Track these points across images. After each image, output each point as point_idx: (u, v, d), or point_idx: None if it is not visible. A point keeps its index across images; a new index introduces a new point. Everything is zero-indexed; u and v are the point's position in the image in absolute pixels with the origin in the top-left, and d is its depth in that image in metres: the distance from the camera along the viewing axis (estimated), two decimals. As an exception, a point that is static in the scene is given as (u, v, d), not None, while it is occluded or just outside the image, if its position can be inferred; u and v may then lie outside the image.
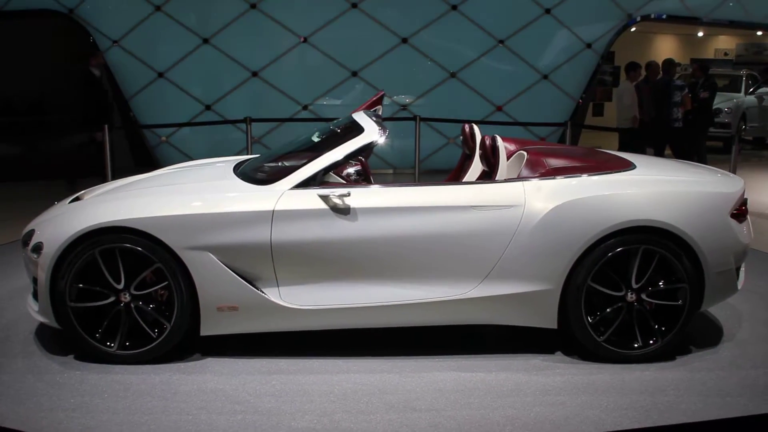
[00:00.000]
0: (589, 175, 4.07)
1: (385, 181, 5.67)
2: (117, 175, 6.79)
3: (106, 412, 3.42)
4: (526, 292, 3.92)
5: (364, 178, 4.88)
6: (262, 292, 3.91)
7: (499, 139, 4.45)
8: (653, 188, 4.02)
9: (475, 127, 5.14)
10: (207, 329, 3.96)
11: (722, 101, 14.11)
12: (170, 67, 10.67)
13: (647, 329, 3.99)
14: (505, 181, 4.13)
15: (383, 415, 3.38)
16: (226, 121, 10.10)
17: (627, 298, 3.95)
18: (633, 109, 9.95)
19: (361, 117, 4.35)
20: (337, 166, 4.14)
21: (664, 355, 4.01)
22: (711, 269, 3.93)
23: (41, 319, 4.01)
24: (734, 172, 7.50)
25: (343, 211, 3.89)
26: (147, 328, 3.93)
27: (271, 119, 10.17)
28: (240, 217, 3.87)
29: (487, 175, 4.65)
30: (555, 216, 3.88)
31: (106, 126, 8.29)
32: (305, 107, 10.92)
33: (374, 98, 5.53)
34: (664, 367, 3.93)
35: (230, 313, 3.91)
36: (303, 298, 3.93)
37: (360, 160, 5.05)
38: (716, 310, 4.74)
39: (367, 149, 4.20)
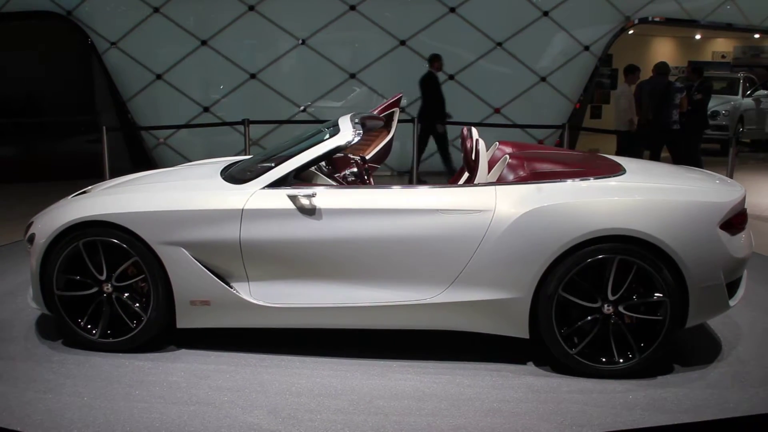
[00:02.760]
0: (567, 181, 3.93)
1: (383, 183, 5.66)
2: (114, 176, 6.81)
3: (73, 395, 3.60)
4: (494, 299, 3.81)
5: (360, 180, 4.90)
6: (233, 289, 3.99)
7: (481, 143, 4.37)
8: (634, 196, 3.82)
9: (474, 130, 5.13)
10: (182, 322, 4.07)
11: (720, 104, 14.14)
12: (168, 69, 10.68)
13: (627, 343, 3.80)
14: (478, 185, 4.03)
15: (330, 415, 3.39)
16: (224, 123, 10.11)
17: (603, 310, 3.78)
18: (630, 112, 9.95)
19: (343, 120, 4.37)
20: (308, 167, 4.14)
21: (643, 371, 3.80)
22: (695, 283, 3.71)
23: (34, 305, 4.24)
24: (732, 175, 7.48)
25: (310, 212, 3.91)
26: (126, 319, 4.09)
27: (269, 121, 10.19)
28: (210, 215, 3.96)
29: (470, 180, 4.62)
30: (524, 222, 3.75)
31: (104, 128, 8.31)
32: (303, 109, 10.94)
33: (392, 100, 5.58)
34: (639, 384, 3.73)
35: (203, 307, 4.01)
36: (272, 296, 3.97)
37: (357, 162, 5.07)
38: (714, 322, 4.56)
39: (338, 152, 4.18)
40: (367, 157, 5.48)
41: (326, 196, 3.95)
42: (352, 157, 5.16)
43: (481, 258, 3.79)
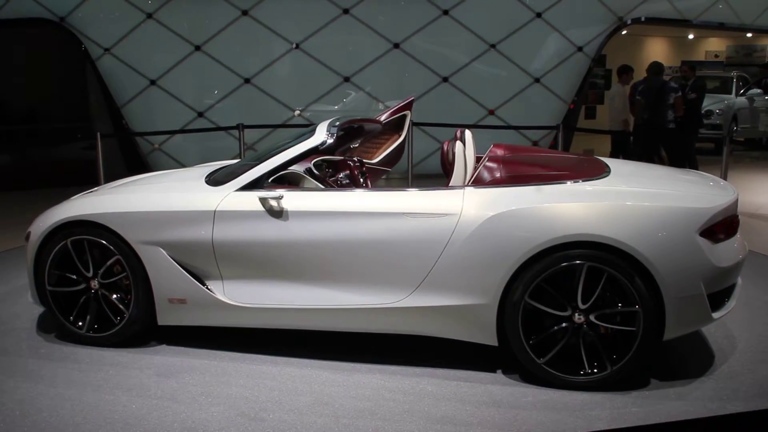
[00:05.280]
0: (540, 185, 3.80)
1: (378, 185, 5.64)
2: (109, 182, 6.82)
3: (49, 385, 3.77)
4: (461, 305, 3.72)
5: (354, 183, 4.91)
6: (207, 288, 4.09)
7: (458, 146, 4.32)
8: (607, 200, 3.64)
9: (467, 132, 5.11)
10: (162, 319, 4.21)
11: (713, 103, 14.18)
12: (162, 74, 10.68)
13: (599, 355, 3.64)
14: (447, 188, 3.96)
15: (282, 414, 3.41)
16: (218, 128, 10.10)
17: (574, 319, 3.63)
18: (625, 112, 9.97)
19: (321, 124, 4.41)
20: (281, 170, 4.16)
21: (616, 384, 3.62)
22: (672, 294, 3.52)
23: (31, 300, 4.43)
24: (725, 174, 7.48)
25: (277, 214, 3.96)
26: (110, 315, 4.26)
27: (263, 125, 10.18)
28: (185, 216, 4.08)
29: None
30: (490, 226, 3.64)
31: (99, 134, 8.30)
32: (299, 114, 10.93)
33: (403, 103, 5.61)
34: (610, 397, 3.56)
35: (180, 305, 4.13)
36: (244, 296, 4.04)
37: (351, 165, 5.07)
38: (710, 327, 4.35)
39: (311, 154, 4.22)
40: (376, 161, 5.50)
41: (294, 199, 3.99)
42: (351, 160, 5.16)
43: (447, 262, 3.73)
